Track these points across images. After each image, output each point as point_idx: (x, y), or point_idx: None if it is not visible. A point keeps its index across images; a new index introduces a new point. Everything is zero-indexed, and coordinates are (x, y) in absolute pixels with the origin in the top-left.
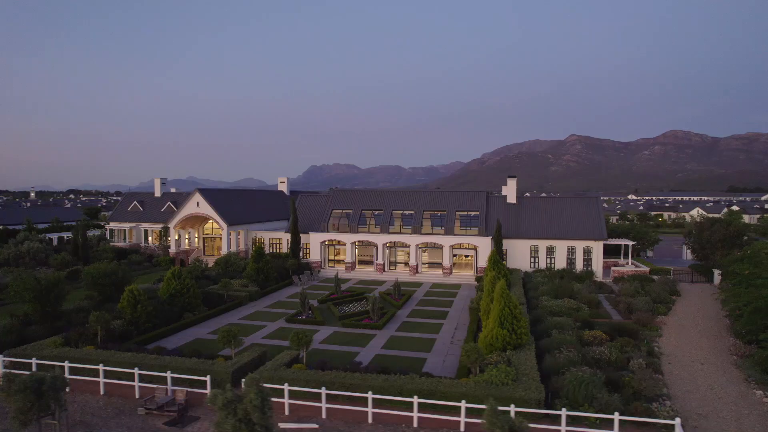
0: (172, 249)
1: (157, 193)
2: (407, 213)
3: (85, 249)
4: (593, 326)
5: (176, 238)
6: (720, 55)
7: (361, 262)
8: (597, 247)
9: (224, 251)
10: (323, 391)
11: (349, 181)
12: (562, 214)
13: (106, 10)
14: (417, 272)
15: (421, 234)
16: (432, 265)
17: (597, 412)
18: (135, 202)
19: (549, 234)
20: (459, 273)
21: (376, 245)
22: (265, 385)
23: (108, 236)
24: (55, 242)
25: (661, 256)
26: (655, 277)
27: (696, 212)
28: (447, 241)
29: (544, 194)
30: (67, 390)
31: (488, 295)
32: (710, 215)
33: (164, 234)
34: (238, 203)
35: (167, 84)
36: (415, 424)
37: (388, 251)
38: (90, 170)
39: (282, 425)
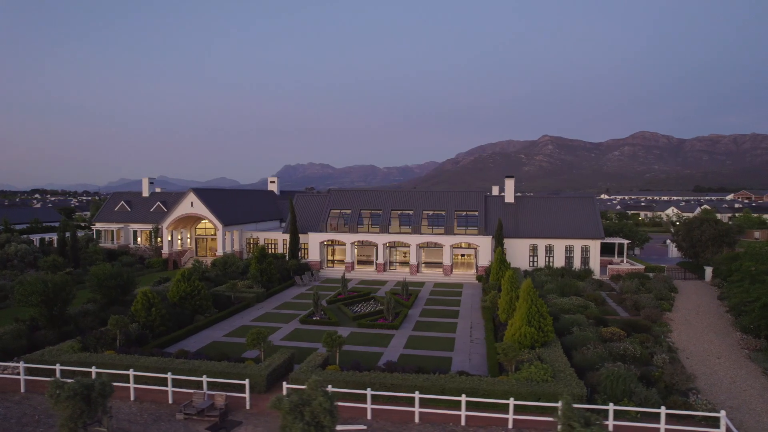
0: (165, 250)
1: (145, 193)
2: (406, 213)
3: (74, 251)
4: (607, 323)
5: (169, 238)
6: (686, 60)
7: (360, 262)
8: (594, 246)
9: (220, 252)
10: (369, 392)
11: (323, 181)
12: (560, 213)
13: (72, 4)
14: (417, 272)
15: (422, 234)
16: (430, 264)
17: (637, 407)
18: (122, 202)
19: (547, 233)
20: (459, 272)
21: (376, 245)
22: (305, 387)
23: (94, 237)
24: (36, 244)
25: (647, 254)
26: (650, 274)
27: (671, 211)
28: (447, 240)
29: (519, 194)
30: None
31: (507, 293)
32: (684, 214)
33: (155, 234)
34: (232, 203)
35: (135, 82)
36: (463, 423)
37: (387, 251)
38: (53, 169)
39: None
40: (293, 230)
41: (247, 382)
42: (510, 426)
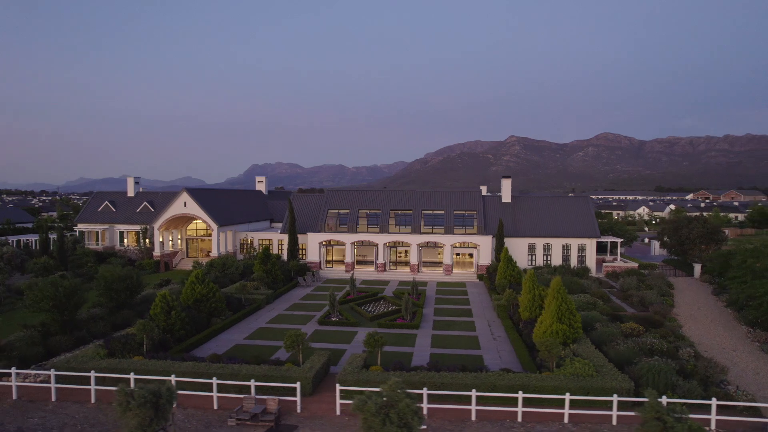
0: (156, 251)
1: (130, 193)
2: (405, 213)
3: (62, 252)
4: (623, 319)
5: (160, 239)
6: (644, 65)
7: (358, 262)
8: (590, 245)
9: (214, 253)
10: (425, 391)
11: (292, 180)
12: (556, 213)
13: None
14: (418, 271)
15: (422, 233)
16: (428, 263)
17: (681, 399)
18: (106, 202)
19: (545, 232)
20: (459, 271)
21: (376, 245)
22: (357, 388)
23: (79, 238)
24: (12, 245)
25: (631, 252)
26: (644, 271)
27: (642, 210)
28: (448, 240)
29: (489, 194)
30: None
31: (529, 292)
32: (655, 213)
33: (143, 235)
34: (224, 203)
35: (94, 78)
36: (520, 419)
37: (387, 251)
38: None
39: None
40: (292, 230)
41: (298, 385)
42: (566, 420)
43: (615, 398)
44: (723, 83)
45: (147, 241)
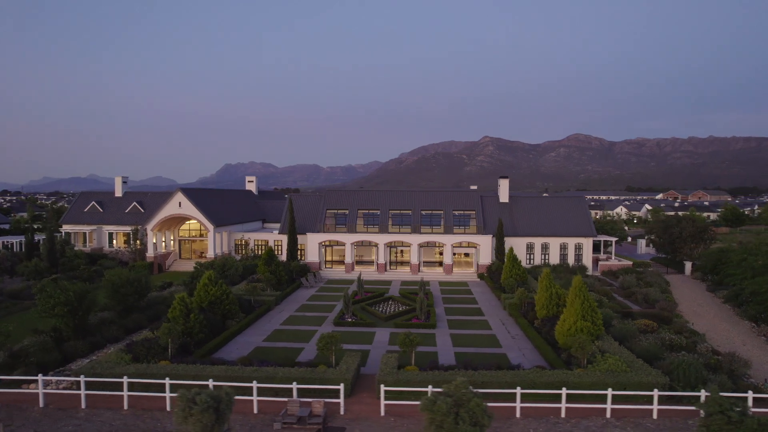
0: (150, 253)
1: (118, 193)
2: (404, 213)
3: (52, 255)
4: (634, 317)
5: (153, 241)
6: (616, 68)
7: (358, 263)
8: (587, 244)
9: (211, 254)
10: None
11: (266, 180)
12: (553, 212)
13: None
14: (419, 271)
15: (422, 233)
16: (427, 263)
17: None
18: (93, 202)
19: (543, 232)
20: (459, 271)
21: (376, 245)
22: (396, 388)
23: (67, 241)
24: None
25: (619, 250)
26: (639, 269)
27: (620, 210)
28: (448, 240)
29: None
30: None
31: (546, 290)
32: (633, 213)
33: (134, 236)
34: (218, 203)
35: (57, 71)
36: (563, 415)
37: (387, 251)
38: None
39: None
40: (291, 231)
41: (341, 386)
42: (608, 415)
43: (656, 393)
44: (688, 87)
45: (138, 242)
